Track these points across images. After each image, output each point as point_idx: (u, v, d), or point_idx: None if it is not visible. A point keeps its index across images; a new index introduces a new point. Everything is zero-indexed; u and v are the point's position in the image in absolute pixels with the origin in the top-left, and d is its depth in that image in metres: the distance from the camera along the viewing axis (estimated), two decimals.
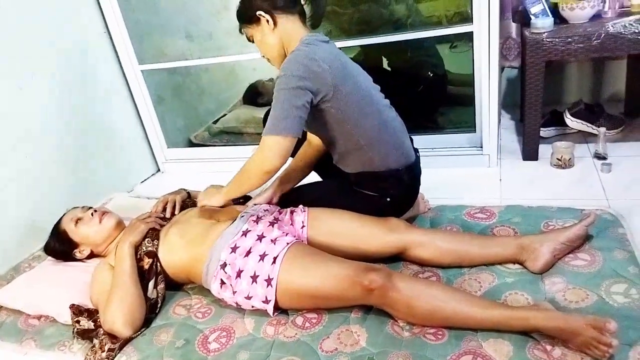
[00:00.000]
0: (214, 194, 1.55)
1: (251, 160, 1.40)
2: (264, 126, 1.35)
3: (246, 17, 1.44)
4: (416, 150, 1.62)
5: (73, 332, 1.42)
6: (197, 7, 2.60)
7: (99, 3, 2.34)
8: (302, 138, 1.42)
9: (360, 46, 2.21)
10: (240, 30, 1.51)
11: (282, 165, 1.37)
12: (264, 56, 1.52)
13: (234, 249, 1.38)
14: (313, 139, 1.66)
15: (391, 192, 1.54)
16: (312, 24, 1.53)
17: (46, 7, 2.10)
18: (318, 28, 1.56)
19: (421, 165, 1.63)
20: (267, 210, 1.56)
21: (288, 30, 1.43)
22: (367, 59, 2.37)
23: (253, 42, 1.50)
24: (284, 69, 1.34)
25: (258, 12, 1.40)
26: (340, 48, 2.15)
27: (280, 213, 1.55)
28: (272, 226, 1.43)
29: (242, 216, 1.50)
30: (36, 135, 2.05)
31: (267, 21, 1.41)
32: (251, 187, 1.45)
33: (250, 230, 1.42)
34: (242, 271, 1.34)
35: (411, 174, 1.57)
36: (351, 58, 1.51)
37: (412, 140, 1.62)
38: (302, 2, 1.47)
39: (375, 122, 1.46)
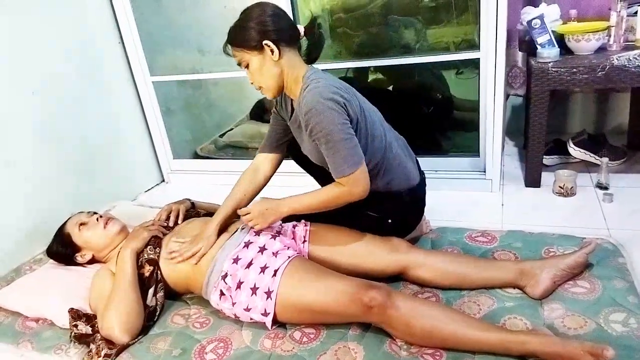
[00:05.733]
0: (269, 215, 1.44)
1: (338, 195, 1.38)
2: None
3: (247, 43, 1.35)
4: (422, 173, 1.62)
5: (70, 336, 1.42)
6: (212, 23, 2.65)
7: (114, 14, 2.40)
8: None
9: (368, 69, 2.25)
10: (224, 50, 1.41)
11: (369, 190, 1.39)
12: (252, 83, 1.44)
13: (235, 260, 1.39)
14: (261, 166, 1.63)
15: (393, 213, 1.55)
16: (308, 60, 1.48)
17: (63, 15, 2.15)
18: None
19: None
20: None
21: (290, 63, 1.39)
22: (374, 81, 2.41)
23: (241, 66, 1.41)
24: (315, 107, 1.30)
25: (265, 42, 1.34)
26: (348, 69, 2.22)
27: (282, 227, 1.56)
28: (274, 239, 1.45)
29: (243, 228, 1.51)
30: (45, 139, 2.08)
31: (272, 51, 1.35)
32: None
33: (252, 242, 1.43)
34: (242, 283, 1.35)
35: (414, 196, 1.58)
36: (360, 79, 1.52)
37: (418, 162, 1.63)
38: (301, 38, 1.43)
39: (380, 146, 1.46)
